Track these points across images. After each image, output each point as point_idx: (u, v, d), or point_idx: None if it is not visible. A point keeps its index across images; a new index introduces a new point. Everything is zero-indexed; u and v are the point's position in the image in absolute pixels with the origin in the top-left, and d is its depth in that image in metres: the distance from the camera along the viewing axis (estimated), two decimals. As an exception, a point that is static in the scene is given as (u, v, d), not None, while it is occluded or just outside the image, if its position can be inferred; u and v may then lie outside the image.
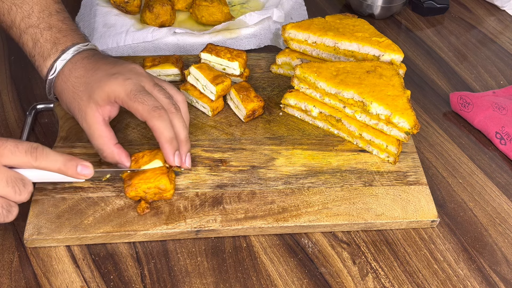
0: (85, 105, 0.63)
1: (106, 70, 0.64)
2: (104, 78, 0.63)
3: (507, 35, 1.02)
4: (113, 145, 0.64)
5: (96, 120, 0.63)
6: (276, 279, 0.61)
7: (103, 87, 0.62)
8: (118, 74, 0.63)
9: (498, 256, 0.66)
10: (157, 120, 0.61)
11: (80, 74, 0.64)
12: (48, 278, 0.60)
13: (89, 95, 0.63)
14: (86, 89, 0.63)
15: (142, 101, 0.61)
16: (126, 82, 0.62)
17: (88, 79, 0.64)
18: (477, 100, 0.82)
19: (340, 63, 0.74)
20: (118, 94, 0.62)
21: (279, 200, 0.67)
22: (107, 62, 0.66)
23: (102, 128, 0.63)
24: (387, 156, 0.72)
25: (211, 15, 0.90)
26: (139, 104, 0.61)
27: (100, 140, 0.63)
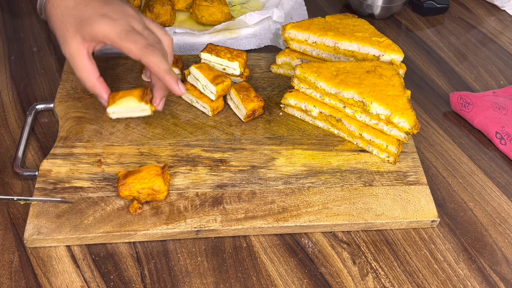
0: (71, 36, 0.64)
1: (96, 8, 0.64)
2: (93, 16, 0.64)
3: (507, 35, 1.02)
4: (95, 78, 0.66)
5: (80, 52, 0.64)
6: (276, 279, 0.61)
7: (92, 26, 0.63)
8: (108, 15, 0.64)
9: (498, 256, 0.66)
10: (151, 55, 0.63)
11: (70, 5, 0.65)
12: (48, 278, 0.60)
13: (76, 28, 0.64)
14: (74, 22, 0.64)
15: (134, 40, 0.63)
16: (115, 23, 0.63)
17: (77, 13, 0.64)
18: (477, 100, 0.82)
19: (340, 63, 0.74)
20: (107, 35, 0.63)
21: (279, 200, 0.67)
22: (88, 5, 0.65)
23: (86, 61, 0.65)
24: (387, 156, 0.72)
25: (211, 15, 0.90)
26: (131, 43, 0.63)
27: (83, 72, 0.65)
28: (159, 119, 0.75)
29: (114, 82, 0.80)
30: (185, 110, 0.77)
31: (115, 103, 0.68)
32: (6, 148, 0.73)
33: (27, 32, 0.92)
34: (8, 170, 0.70)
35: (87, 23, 0.63)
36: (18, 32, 0.92)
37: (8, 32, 0.92)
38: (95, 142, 0.71)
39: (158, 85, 0.68)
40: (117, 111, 0.68)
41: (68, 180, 0.67)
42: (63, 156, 0.69)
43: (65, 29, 0.65)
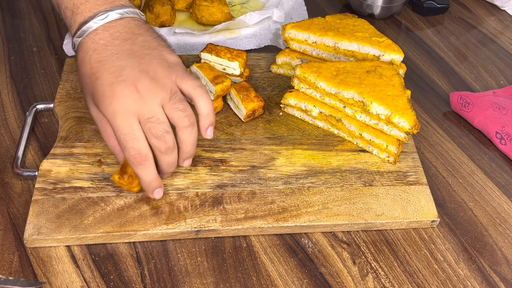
0: (90, 103, 0.61)
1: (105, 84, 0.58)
2: (101, 97, 0.58)
3: (507, 35, 1.02)
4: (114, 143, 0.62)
5: (100, 118, 0.61)
6: (276, 279, 0.61)
7: (99, 105, 0.59)
8: (111, 100, 0.57)
9: (498, 256, 0.66)
10: (138, 169, 0.59)
11: (87, 73, 0.59)
12: (48, 278, 0.60)
13: (91, 99, 0.61)
14: (89, 93, 0.60)
15: (125, 148, 0.58)
16: (115, 118, 0.57)
17: (90, 86, 0.59)
18: (477, 100, 0.82)
19: (340, 63, 0.74)
20: (108, 121, 0.58)
21: (279, 200, 0.67)
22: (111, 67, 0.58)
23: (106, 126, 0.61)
24: (387, 156, 0.72)
25: (211, 15, 0.90)
26: (123, 150, 0.59)
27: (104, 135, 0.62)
28: (159, 119, 0.75)
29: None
30: (185, 110, 0.77)
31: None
32: (6, 148, 0.73)
33: (27, 32, 0.92)
34: (8, 170, 0.70)
35: (97, 101, 0.59)
36: (18, 32, 0.92)
37: (8, 32, 0.92)
38: (95, 142, 0.71)
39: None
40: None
41: (68, 180, 0.67)
42: (63, 156, 0.69)
43: (86, 93, 0.61)
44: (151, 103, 0.58)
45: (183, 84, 0.60)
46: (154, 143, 0.58)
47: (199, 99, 0.61)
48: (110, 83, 0.57)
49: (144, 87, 0.58)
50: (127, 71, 0.58)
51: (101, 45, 0.59)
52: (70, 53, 0.86)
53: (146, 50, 0.60)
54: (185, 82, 0.60)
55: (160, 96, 0.58)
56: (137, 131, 0.57)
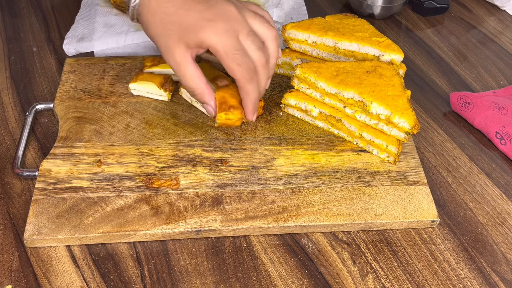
0: (174, 44, 0.62)
1: (200, 11, 0.61)
2: (199, 22, 0.61)
3: (507, 35, 1.02)
4: (204, 85, 0.65)
5: (186, 60, 0.62)
6: (276, 279, 0.61)
7: (197, 33, 0.61)
8: (214, 22, 0.60)
9: (498, 256, 0.66)
10: (248, 83, 0.63)
11: (170, 11, 0.61)
12: (48, 278, 0.60)
13: (180, 36, 0.61)
14: (176, 29, 0.61)
15: (239, 62, 0.61)
16: (224, 35, 0.60)
17: (179, 19, 0.61)
18: (477, 100, 0.82)
19: (340, 63, 0.74)
20: (214, 46, 0.61)
21: (279, 200, 0.67)
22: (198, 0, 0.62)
23: (193, 68, 0.63)
24: (387, 156, 0.72)
25: (211, 15, 0.90)
26: (235, 65, 0.62)
27: (191, 80, 0.64)
28: (159, 119, 0.75)
29: (115, 82, 0.80)
30: (185, 110, 0.77)
31: (137, 81, 0.77)
32: (6, 148, 0.73)
33: (27, 32, 0.92)
34: (8, 170, 0.70)
35: (191, 30, 0.61)
36: (18, 32, 0.92)
37: (8, 32, 0.92)
38: (95, 142, 0.71)
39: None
40: (138, 89, 0.77)
41: (68, 180, 0.67)
42: (63, 156, 0.69)
43: (167, 36, 0.62)
44: (244, 21, 0.63)
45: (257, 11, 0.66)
46: (257, 56, 0.63)
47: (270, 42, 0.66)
48: (204, 8, 0.61)
49: (235, 6, 0.63)
50: (211, 9, 0.61)
51: None
52: (70, 53, 0.86)
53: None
54: (259, 10, 0.67)
55: (246, 16, 0.64)
56: (244, 47, 0.62)
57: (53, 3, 0.99)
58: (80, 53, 0.86)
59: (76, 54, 0.86)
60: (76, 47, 0.86)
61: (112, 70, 0.82)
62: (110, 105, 0.77)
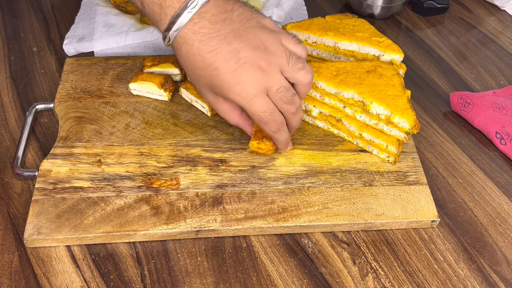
0: (206, 91, 0.64)
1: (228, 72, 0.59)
2: (226, 85, 0.60)
3: (507, 35, 1.02)
4: (238, 117, 0.67)
5: (217, 100, 0.65)
6: (276, 279, 0.61)
7: (225, 93, 0.61)
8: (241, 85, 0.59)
9: (498, 256, 0.66)
10: (275, 134, 0.65)
11: (199, 65, 0.60)
12: (48, 278, 0.60)
13: (209, 87, 0.63)
14: (206, 84, 0.62)
15: (265, 121, 0.62)
16: (251, 100, 0.60)
17: (209, 77, 0.60)
18: (477, 100, 0.82)
19: (340, 63, 0.74)
20: (241, 106, 0.62)
21: (279, 200, 0.67)
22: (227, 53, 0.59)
23: (225, 105, 0.65)
24: (387, 156, 0.72)
25: (211, 15, 0.90)
26: (262, 123, 0.63)
27: (226, 115, 0.66)
28: (159, 119, 0.75)
29: (115, 82, 0.80)
30: (185, 110, 0.77)
31: (137, 81, 0.77)
32: (6, 148, 0.73)
33: (27, 32, 0.92)
34: (8, 170, 0.70)
35: (219, 89, 0.61)
36: (18, 32, 0.92)
37: (8, 32, 0.92)
38: (95, 142, 0.71)
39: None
40: (138, 89, 0.78)
41: (68, 180, 0.67)
42: (63, 156, 0.69)
43: (199, 84, 0.63)
44: (275, 75, 0.61)
45: (291, 47, 0.63)
46: (286, 108, 0.63)
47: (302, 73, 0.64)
48: (232, 70, 0.59)
49: (264, 62, 0.60)
50: (242, 53, 0.59)
51: (204, 34, 0.59)
52: (70, 53, 0.86)
53: (246, 24, 0.61)
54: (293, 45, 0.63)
55: (279, 63, 0.61)
56: (272, 105, 0.62)
57: (53, 3, 0.99)
58: (80, 53, 0.86)
59: (76, 54, 0.86)
60: (76, 47, 0.86)
61: (112, 70, 0.82)
62: (110, 105, 0.77)
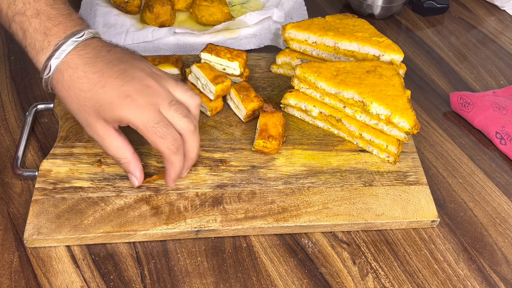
0: (94, 121, 0.59)
1: (115, 87, 0.58)
2: (115, 100, 0.58)
3: (507, 35, 1.02)
4: (131, 155, 0.62)
5: (108, 133, 0.60)
6: (276, 279, 0.61)
7: (114, 111, 0.58)
8: (131, 98, 0.58)
9: (498, 256, 0.66)
10: (174, 154, 0.60)
11: (85, 87, 0.58)
12: (48, 278, 0.60)
13: (98, 113, 0.59)
14: (93, 107, 0.59)
15: (161, 134, 0.58)
16: (142, 110, 0.58)
17: (95, 97, 0.58)
18: (477, 100, 0.82)
19: (340, 63, 0.74)
20: (132, 122, 0.58)
21: (279, 200, 0.67)
22: (113, 72, 0.59)
23: (118, 140, 0.61)
24: (387, 156, 0.72)
25: (211, 15, 0.90)
26: (158, 138, 0.58)
27: (117, 151, 0.61)
28: (159, 119, 0.75)
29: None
30: (185, 110, 0.77)
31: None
32: (6, 148, 0.73)
33: (27, 32, 0.92)
34: (8, 170, 0.70)
35: (109, 109, 0.58)
36: (18, 32, 0.92)
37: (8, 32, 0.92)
38: (95, 142, 0.71)
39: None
40: None
41: (68, 180, 0.67)
42: (63, 156, 0.69)
43: (85, 113, 0.59)
44: (164, 92, 0.59)
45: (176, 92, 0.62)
46: (184, 124, 0.60)
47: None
48: (120, 85, 0.58)
49: (153, 79, 0.59)
50: (129, 71, 0.59)
51: (91, 58, 0.59)
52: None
53: (131, 55, 0.62)
54: (178, 89, 0.62)
55: (168, 85, 0.61)
56: (165, 119, 0.59)
57: (53, 3, 0.99)
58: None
59: (76, 54, 0.86)
60: (76, 47, 0.86)
61: (112, 70, 0.82)
62: (110, 105, 0.77)
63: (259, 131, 0.70)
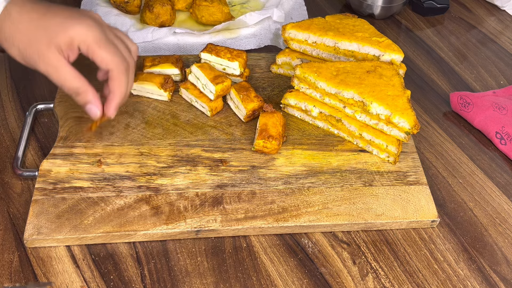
0: (46, 49, 0.60)
1: (66, 14, 0.61)
2: (67, 21, 0.60)
3: (507, 35, 1.02)
4: (87, 83, 0.62)
5: (62, 62, 0.60)
6: (276, 279, 0.61)
7: (67, 31, 0.60)
8: (82, 19, 0.60)
9: (498, 256, 0.66)
10: (123, 74, 0.62)
11: (35, 16, 0.60)
12: (48, 278, 0.60)
13: (50, 38, 0.60)
14: (45, 32, 0.60)
15: (111, 51, 0.60)
16: (93, 28, 0.60)
17: (47, 22, 0.60)
18: (477, 100, 0.82)
19: (340, 63, 0.74)
20: (84, 39, 0.60)
21: (279, 200, 0.67)
22: (61, 7, 0.62)
23: (71, 69, 0.61)
24: (387, 156, 0.72)
25: (211, 15, 0.90)
26: (108, 54, 0.60)
27: (74, 80, 0.61)
28: (159, 119, 0.75)
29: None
30: (185, 110, 0.77)
31: (137, 81, 0.76)
32: (6, 148, 0.73)
33: (27, 32, 0.92)
34: (8, 170, 0.70)
35: (61, 29, 0.59)
36: (18, 32, 0.92)
37: (8, 32, 0.92)
38: (95, 142, 0.71)
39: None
40: (138, 89, 0.78)
41: (68, 180, 0.67)
42: (63, 156, 0.69)
43: (37, 42, 0.59)
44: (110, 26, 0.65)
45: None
46: (127, 55, 0.63)
47: None
48: (70, 12, 0.61)
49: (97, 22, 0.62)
50: (77, 9, 0.63)
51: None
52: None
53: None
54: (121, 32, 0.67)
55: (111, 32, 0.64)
56: (113, 42, 0.62)
57: (53, 3, 0.99)
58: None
59: (76, 54, 0.86)
60: (76, 47, 0.86)
61: (112, 70, 0.82)
62: (110, 105, 0.77)
63: (259, 131, 0.70)
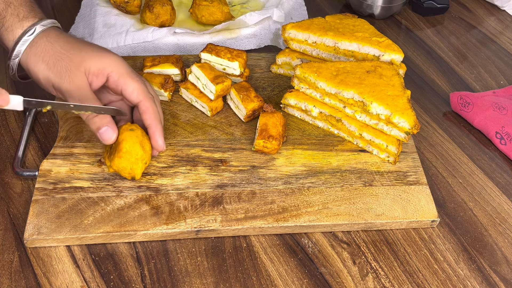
0: (75, 67, 0.63)
1: (100, 47, 0.66)
2: (102, 50, 0.65)
3: (507, 35, 1.02)
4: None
5: (87, 84, 0.64)
6: (276, 279, 0.61)
7: (101, 58, 0.64)
8: (114, 54, 0.66)
9: (498, 256, 0.66)
10: (154, 103, 0.66)
11: (72, 40, 0.65)
12: (48, 278, 0.60)
13: (82, 59, 0.63)
14: (79, 53, 0.63)
15: (142, 83, 0.65)
16: (124, 62, 0.65)
17: (83, 46, 0.65)
18: (477, 100, 0.82)
19: (340, 63, 0.74)
20: (117, 69, 0.64)
21: (279, 200, 0.67)
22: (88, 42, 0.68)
23: (93, 93, 0.64)
24: (387, 156, 0.72)
25: (211, 14, 0.90)
26: (140, 85, 0.65)
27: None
28: (159, 119, 0.75)
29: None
30: (185, 110, 0.77)
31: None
32: (6, 148, 0.73)
33: (27, 32, 0.92)
34: (8, 170, 0.70)
35: (95, 55, 0.64)
36: (18, 32, 0.92)
37: (8, 32, 0.92)
38: (95, 142, 0.71)
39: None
40: None
41: (68, 180, 0.67)
42: (63, 156, 0.69)
43: (68, 59, 0.63)
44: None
45: None
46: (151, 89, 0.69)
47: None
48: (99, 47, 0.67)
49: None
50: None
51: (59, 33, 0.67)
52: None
53: None
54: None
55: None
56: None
57: (53, 3, 0.99)
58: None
59: (76, 54, 0.86)
60: (76, 47, 0.86)
61: (112, 70, 0.82)
62: (110, 105, 0.77)
63: (259, 131, 0.70)
